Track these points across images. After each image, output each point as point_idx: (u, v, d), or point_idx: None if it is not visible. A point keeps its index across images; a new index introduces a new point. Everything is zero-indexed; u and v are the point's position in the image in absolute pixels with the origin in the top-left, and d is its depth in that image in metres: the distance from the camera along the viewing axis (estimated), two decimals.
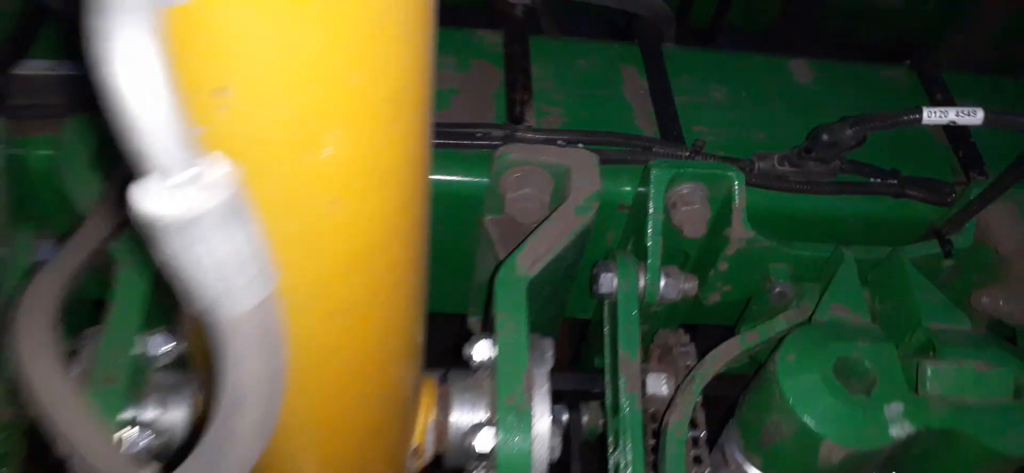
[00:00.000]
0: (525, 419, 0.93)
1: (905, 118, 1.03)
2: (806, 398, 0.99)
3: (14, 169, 1.08)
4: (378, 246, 0.66)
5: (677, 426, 1.08)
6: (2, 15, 1.25)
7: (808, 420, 0.98)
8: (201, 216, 0.38)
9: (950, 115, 1.00)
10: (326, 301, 0.66)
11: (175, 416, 0.95)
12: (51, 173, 1.12)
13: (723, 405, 1.29)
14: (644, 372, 1.23)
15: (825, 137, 1.13)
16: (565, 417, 1.38)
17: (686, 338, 1.29)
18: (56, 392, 0.66)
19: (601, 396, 1.27)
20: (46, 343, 0.68)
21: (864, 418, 0.98)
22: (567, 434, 1.35)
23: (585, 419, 1.48)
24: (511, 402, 0.93)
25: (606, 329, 1.20)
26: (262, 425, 0.50)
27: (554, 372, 1.04)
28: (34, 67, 1.14)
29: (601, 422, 1.47)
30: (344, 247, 0.63)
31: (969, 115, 0.99)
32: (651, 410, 1.24)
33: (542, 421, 0.95)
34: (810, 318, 1.15)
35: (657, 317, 1.39)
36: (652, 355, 1.35)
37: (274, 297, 0.46)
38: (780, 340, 1.08)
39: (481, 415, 0.98)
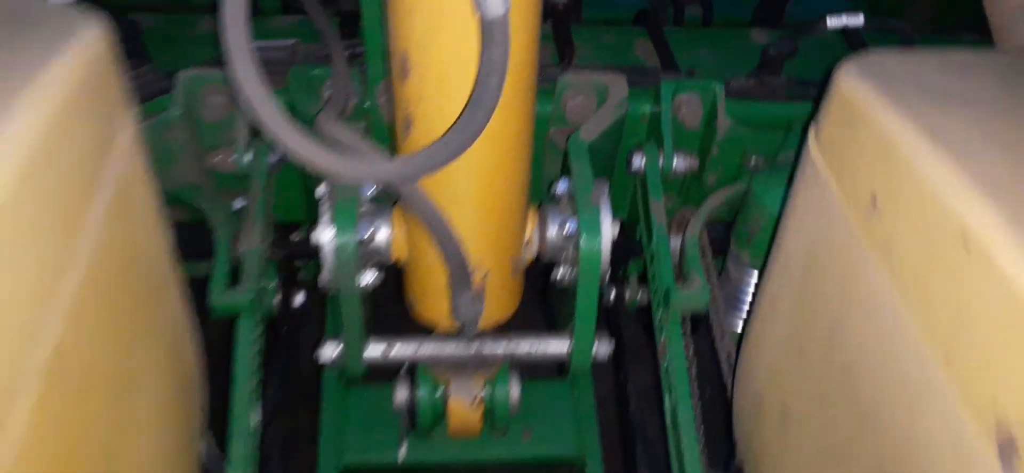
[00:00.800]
0: (597, 213, 1.49)
1: (817, 27, 1.64)
2: (772, 194, 1.57)
3: None
4: (524, 61, 1.25)
5: (692, 233, 1.66)
6: None
7: (774, 207, 1.56)
8: None
9: (843, 20, 1.61)
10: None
11: (382, 234, 1.51)
12: None
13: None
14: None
15: (771, 51, 1.74)
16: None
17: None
18: (343, 136, 1.23)
19: (640, 254, 1.84)
20: (333, 122, 1.27)
21: None
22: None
23: (627, 294, 2.05)
24: (587, 205, 1.50)
25: (639, 194, 1.79)
26: (498, 89, 1.06)
27: None
28: (261, 43, 1.76)
29: (640, 295, 2.04)
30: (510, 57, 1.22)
31: (854, 18, 1.60)
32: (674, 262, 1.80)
33: (606, 219, 1.51)
34: None
35: (673, 209, 1.98)
36: (671, 228, 1.92)
37: (508, 17, 1.04)
38: None
39: (567, 217, 1.55)
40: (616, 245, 1.51)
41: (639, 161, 1.75)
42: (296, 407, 2.08)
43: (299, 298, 2.01)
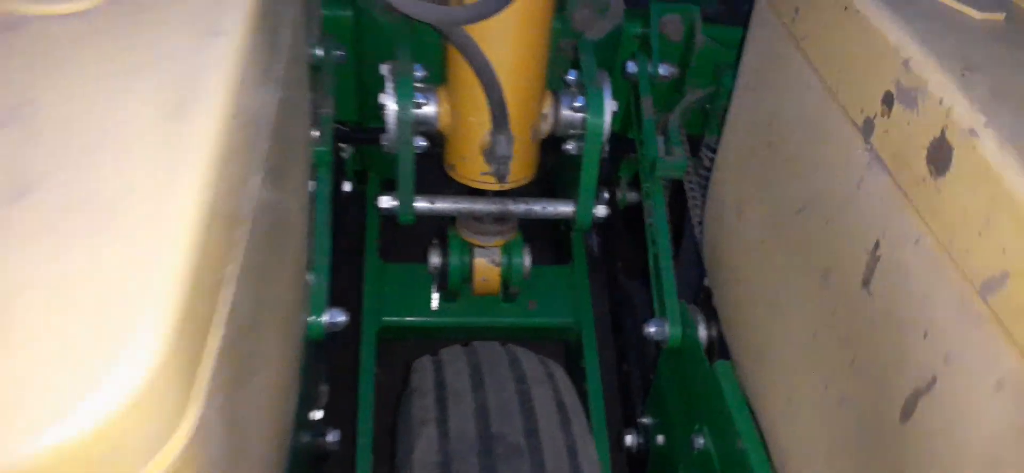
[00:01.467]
0: (601, 91, 1.90)
1: None
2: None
3: None
4: None
5: (673, 119, 2.07)
6: None
7: None
8: None
9: None
10: None
11: (430, 107, 1.91)
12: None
13: None
14: None
15: None
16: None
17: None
18: None
19: (631, 153, 2.25)
20: None
21: None
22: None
23: (618, 194, 2.47)
24: (593, 85, 1.91)
25: (631, 95, 2.20)
26: None
27: None
28: None
29: (630, 194, 2.46)
30: None
31: None
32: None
33: (608, 96, 1.91)
34: None
35: (658, 119, 2.39)
36: (657, 130, 2.33)
37: None
38: None
39: (576, 96, 1.95)
40: (610, 149, 1.90)
41: (632, 67, 2.17)
42: (341, 274, 2.47)
43: (346, 186, 2.41)
